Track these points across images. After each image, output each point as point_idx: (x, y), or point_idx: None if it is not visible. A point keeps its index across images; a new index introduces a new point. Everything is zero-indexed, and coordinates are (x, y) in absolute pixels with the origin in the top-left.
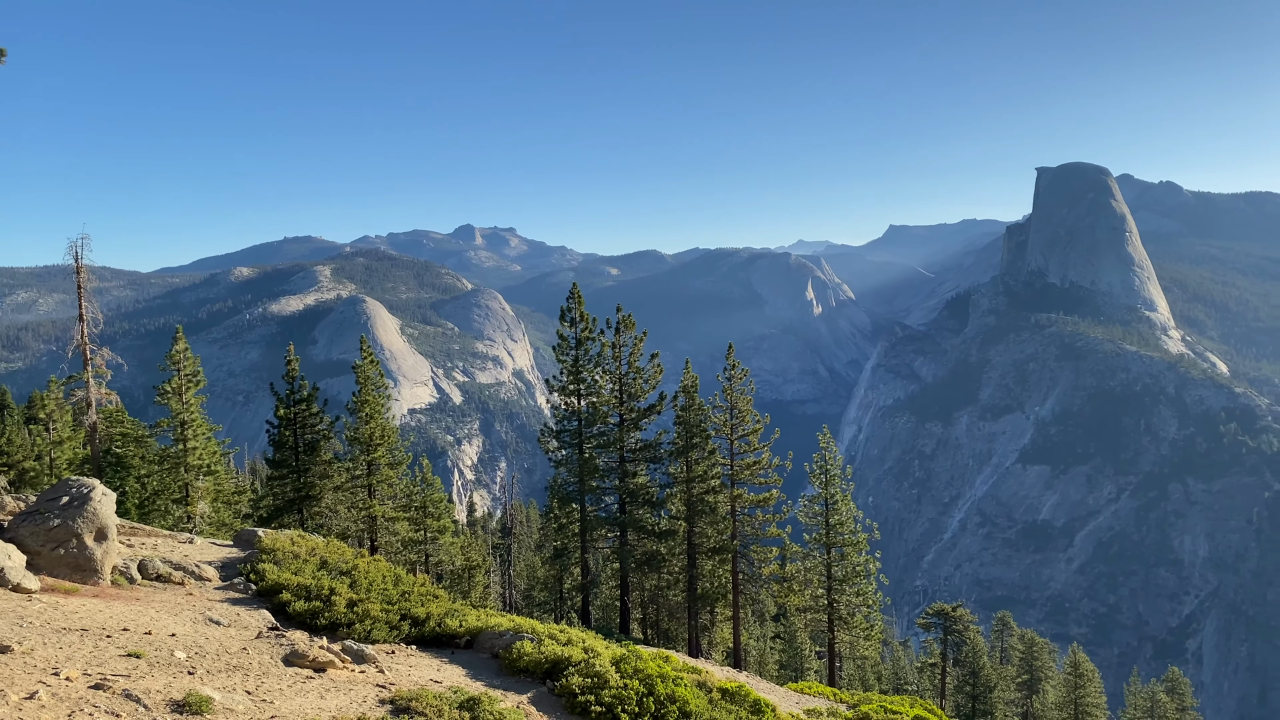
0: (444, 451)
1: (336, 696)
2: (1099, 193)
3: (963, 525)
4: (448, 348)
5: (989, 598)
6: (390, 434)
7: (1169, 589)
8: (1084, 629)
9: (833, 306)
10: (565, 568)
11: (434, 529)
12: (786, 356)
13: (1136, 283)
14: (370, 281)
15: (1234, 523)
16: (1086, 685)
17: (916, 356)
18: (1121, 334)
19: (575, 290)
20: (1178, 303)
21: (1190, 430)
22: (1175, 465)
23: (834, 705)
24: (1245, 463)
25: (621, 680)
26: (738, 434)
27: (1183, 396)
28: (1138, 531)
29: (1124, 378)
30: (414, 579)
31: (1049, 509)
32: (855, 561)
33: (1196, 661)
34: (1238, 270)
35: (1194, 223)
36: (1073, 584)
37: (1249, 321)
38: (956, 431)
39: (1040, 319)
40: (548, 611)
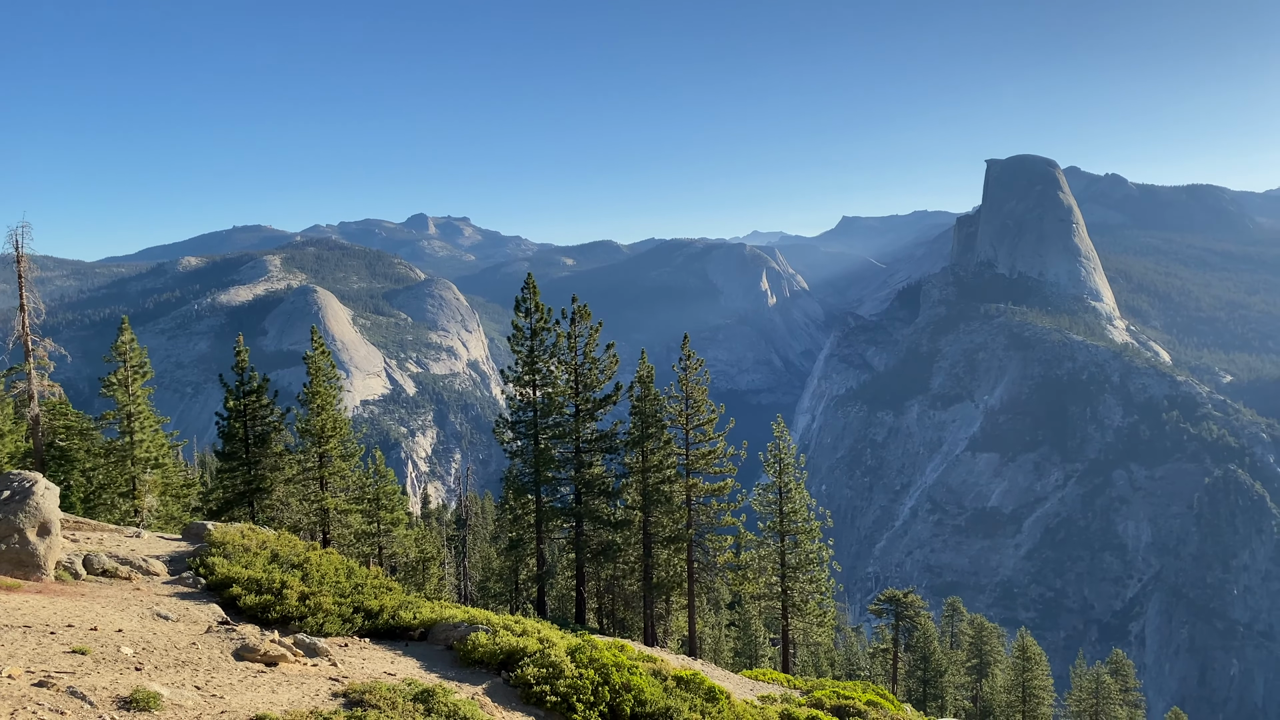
0: (397, 443)
1: (288, 690)
2: (1047, 185)
3: (914, 512)
4: (401, 338)
5: (939, 584)
6: (342, 426)
7: (1113, 573)
8: (1032, 613)
9: (787, 297)
10: (521, 559)
11: (387, 521)
12: (741, 347)
13: (1083, 273)
14: (321, 271)
15: (1175, 508)
16: (1034, 668)
17: (869, 346)
18: (1068, 324)
19: (530, 280)
20: (1123, 293)
21: (1134, 418)
22: (1120, 452)
23: (788, 691)
24: (1186, 449)
25: (577, 670)
26: (693, 424)
27: (1127, 385)
28: (1083, 517)
29: (1070, 367)
30: (367, 571)
31: (998, 496)
32: (809, 549)
33: (1139, 644)
34: (1180, 261)
35: (1139, 214)
36: (1021, 569)
37: (1191, 311)
38: (907, 420)
39: (989, 309)
40: (503, 603)
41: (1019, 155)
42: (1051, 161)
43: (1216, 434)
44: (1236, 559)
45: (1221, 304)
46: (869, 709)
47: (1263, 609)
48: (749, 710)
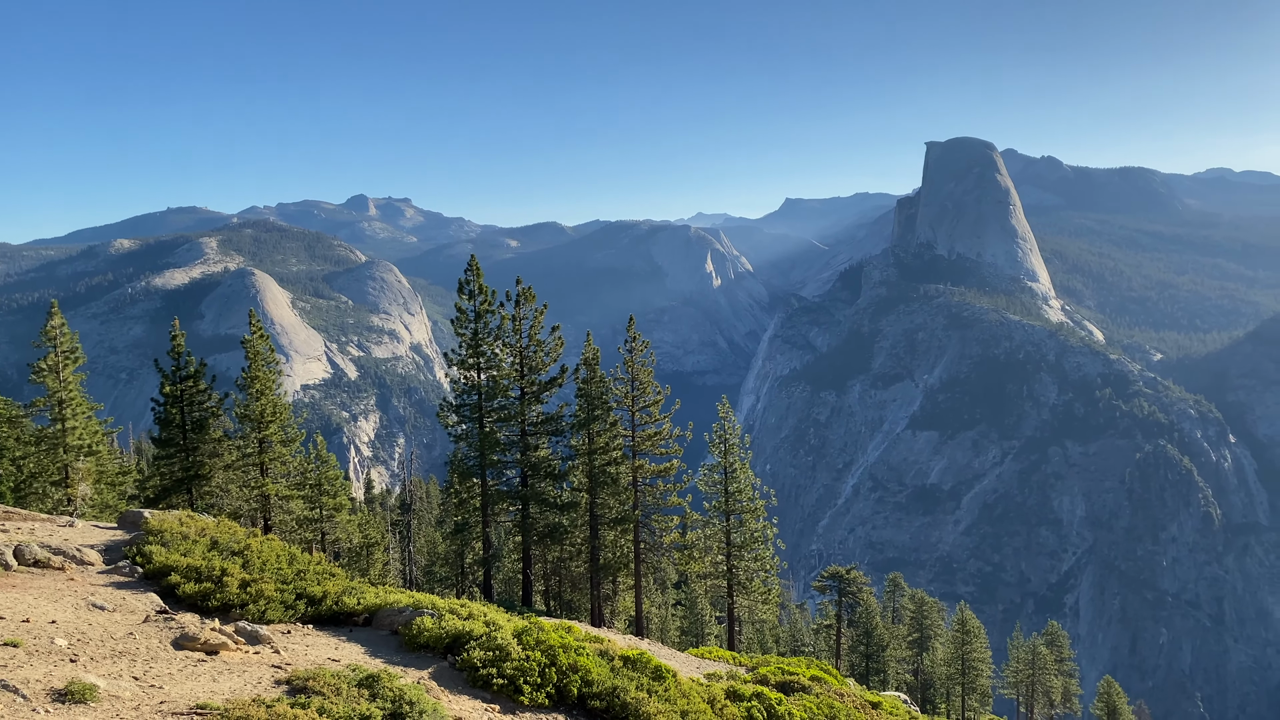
0: (339, 428)
1: (230, 679)
2: (985, 167)
3: (856, 490)
4: (342, 321)
5: (881, 560)
6: (282, 410)
7: (1049, 547)
8: (971, 587)
9: (731, 279)
10: (467, 542)
11: (330, 507)
12: (687, 328)
13: (1019, 254)
14: (259, 253)
15: (1108, 483)
16: (973, 641)
17: (812, 327)
18: (1005, 304)
19: (474, 262)
20: (1058, 273)
21: (1069, 396)
22: (1055, 429)
23: (734, 668)
24: (1119, 426)
25: (524, 652)
26: (639, 405)
27: (1062, 363)
28: (1020, 493)
29: (1008, 346)
30: (310, 558)
31: (937, 473)
32: (753, 528)
33: (1074, 615)
34: (1113, 242)
35: (1073, 196)
36: (960, 545)
37: (1123, 291)
38: (850, 400)
39: (929, 290)
40: (449, 587)
41: (958, 138)
42: (989, 144)
43: (1147, 411)
44: (1165, 532)
45: (1152, 284)
46: (813, 684)
47: (1190, 579)
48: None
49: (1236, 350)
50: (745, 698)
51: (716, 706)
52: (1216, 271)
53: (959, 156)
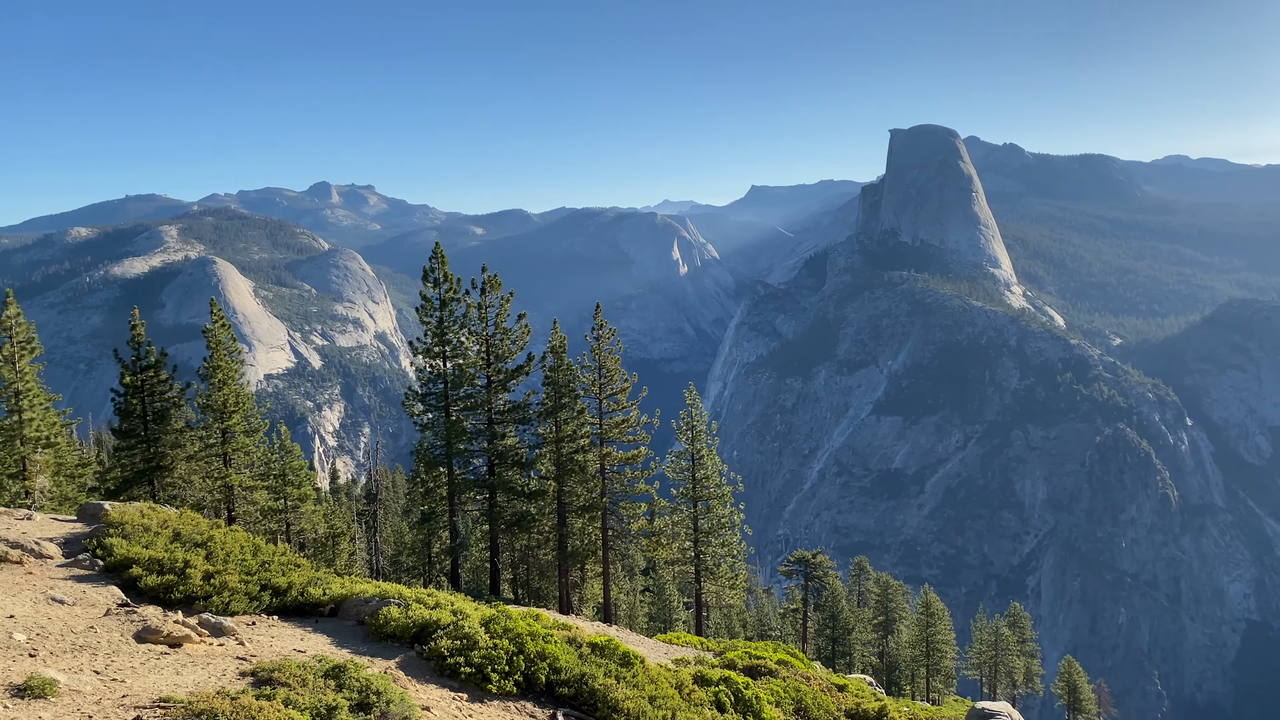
0: (304, 418)
1: (194, 671)
2: (948, 154)
3: (822, 475)
4: (305, 310)
5: (847, 544)
6: (245, 400)
7: (1011, 530)
8: (935, 570)
9: (698, 266)
10: (433, 532)
11: (295, 497)
12: (654, 316)
13: (982, 241)
14: (221, 242)
15: (1069, 466)
16: (937, 623)
17: (778, 314)
18: (968, 290)
19: (438, 250)
20: (1019, 259)
21: (1030, 380)
22: (1017, 414)
23: (701, 653)
24: (1079, 410)
25: (491, 640)
26: (606, 393)
27: (1024, 349)
28: (983, 477)
29: (970, 332)
30: (274, 548)
31: (902, 458)
32: (720, 514)
33: (1036, 596)
34: (1073, 228)
35: (1034, 183)
36: (924, 528)
37: (1083, 277)
38: (815, 386)
39: (893, 276)
40: (416, 576)
41: (921, 125)
42: (952, 131)
43: (1107, 395)
44: (1125, 513)
45: (1111, 269)
46: (780, 668)
47: (1148, 560)
48: (663, 673)
49: (1193, 335)
50: (712, 682)
51: (684, 691)
52: (1174, 257)
53: (922, 144)
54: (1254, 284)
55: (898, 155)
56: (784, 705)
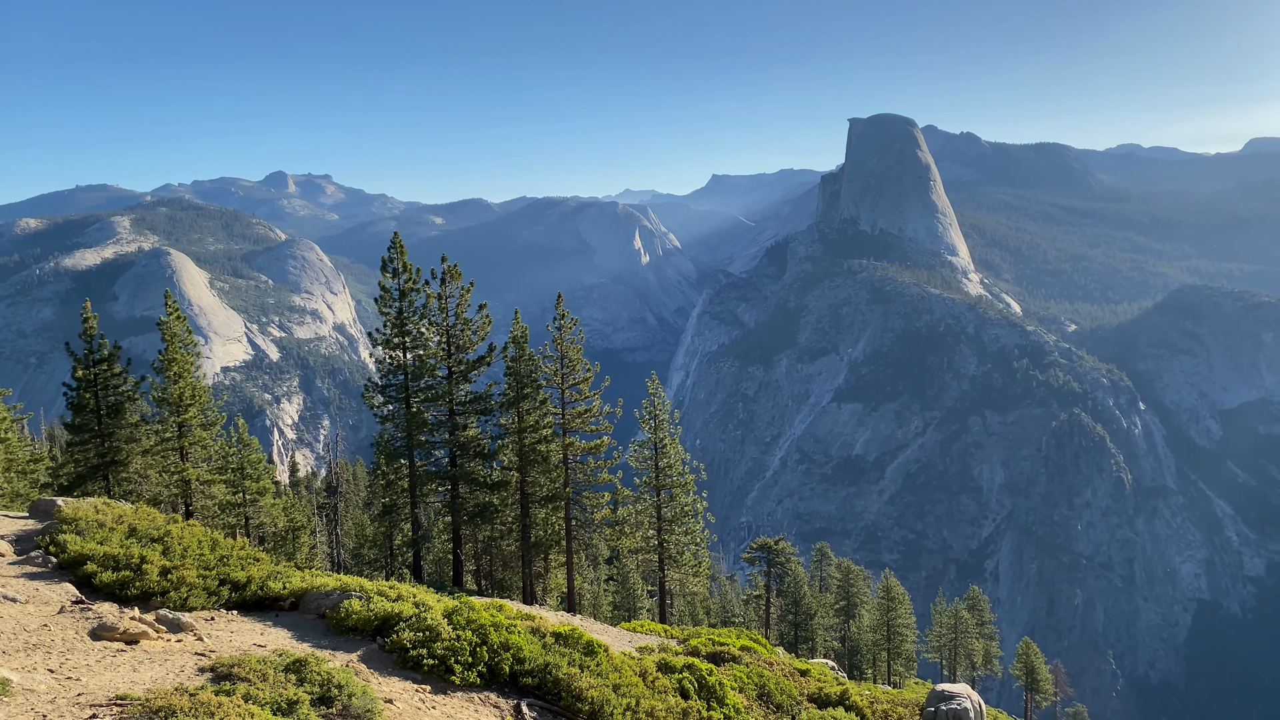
0: (262, 410)
1: (151, 668)
2: (906, 143)
3: (783, 463)
4: (262, 301)
5: (808, 530)
6: (202, 393)
7: (970, 514)
8: (895, 555)
9: (660, 255)
10: (395, 524)
11: (253, 491)
12: (616, 305)
13: (940, 229)
14: (175, 233)
15: (1026, 451)
16: (898, 607)
17: (739, 303)
18: (926, 278)
19: (397, 240)
20: (977, 247)
21: (988, 367)
22: (974, 400)
23: (665, 641)
24: (1035, 395)
25: (454, 632)
26: (569, 383)
27: (981, 335)
28: (942, 462)
29: (929, 319)
30: (233, 543)
31: (862, 444)
32: (684, 502)
33: (994, 580)
34: (1029, 216)
35: (991, 172)
36: (884, 514)
37: (1039, 264)
38: (777, 374)
39: (853, 265)
40: (378, 569)
41: (880, 114)
42: (910, 120)
43: (1062, 380)
44: (1080, 497)
45: (1066, 257)
46: (743, 654)
47: (1103, 542)
48: (627, 662)
49: (1145, 321)
50: (677, 669)
51: (648, 679)
52: (1127, 245)
53: (881, 133)
54: (1204, 270)
55: (857, 144)
56: (747, 690)
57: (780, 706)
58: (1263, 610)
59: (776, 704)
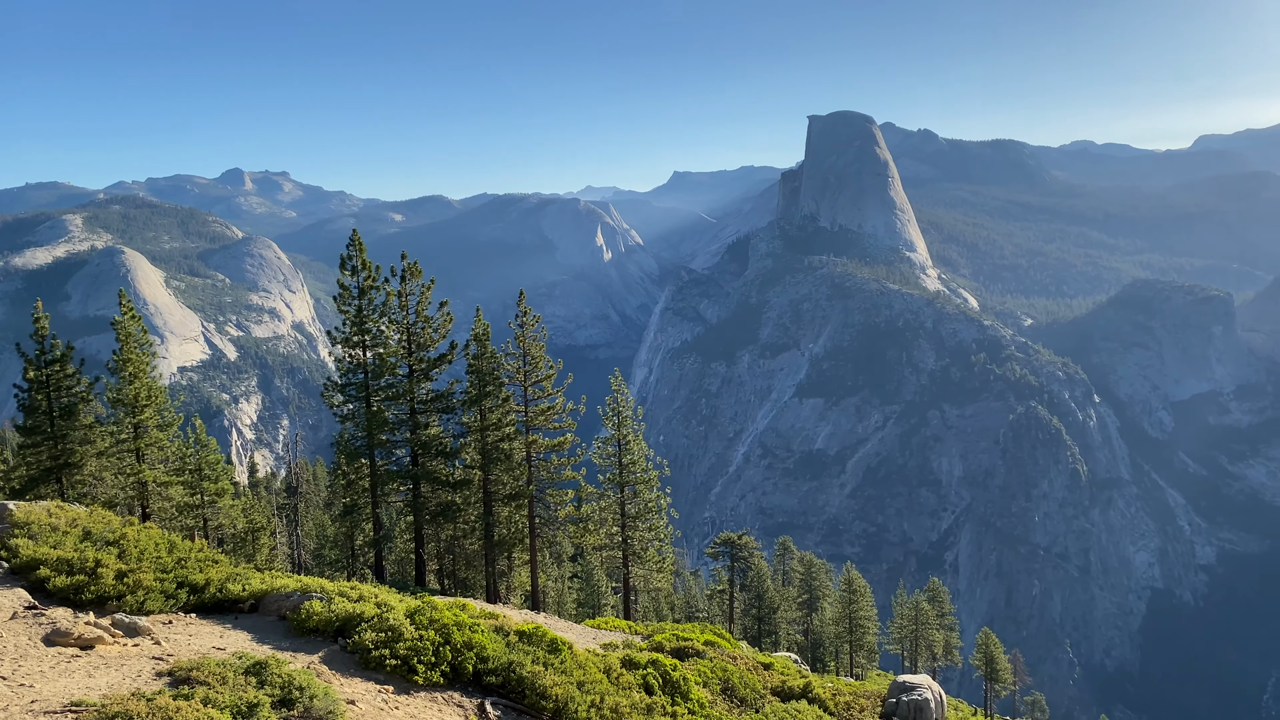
0: (220, 410)
1: (107, 673)
2: (864, 140)
3: (746, 458)
4: (219, 300)
5: (771, 524)
6: (158, 394)
7: (929, 507)
8: (857, 548)
9: (622, 252)
10: (356, 524)
11: (211, 492)
12: (579, 302)
13: (898, 225)
14: (129, 231)
15: (984, 444)
16: (859, 600)
17: (702, 299)
18: (885, 273)
19: (356, 237)
20: (934, 243)
21: (946, 361)
22: (933, 394)
23: (629, 637)
24: (993, 389)
25: (417, 632)
26: (531, 380)
27: (939, 330)
28: (901, 456)
29: (888, 314)
30: (191, 545)
31: (823, 439)
32: (647, 498)
33: (954, 571)
34: (986, 212)
35: (948, 168)
36: (846, 507)
37: (995, 259)
38: (739, 370)
39: (813, 261)
40: (340, 569)
41: (839, 111)
42: (869, 118)
43: (1019, 374)
44: (1037, 488)
45: (1022, 252)
46: (707, 649)
47: (1059, 533)
48: (592, 659)
49: (1099, 315)
50: (641, 665)
51: (613, 675)
52: (1081, 240)
53: (840, 130)
54: (1156, 265)
55: (816, 141)
56: (711, 685)
57: (744, 700)
58: (1213, 597)
59: (740, 698)
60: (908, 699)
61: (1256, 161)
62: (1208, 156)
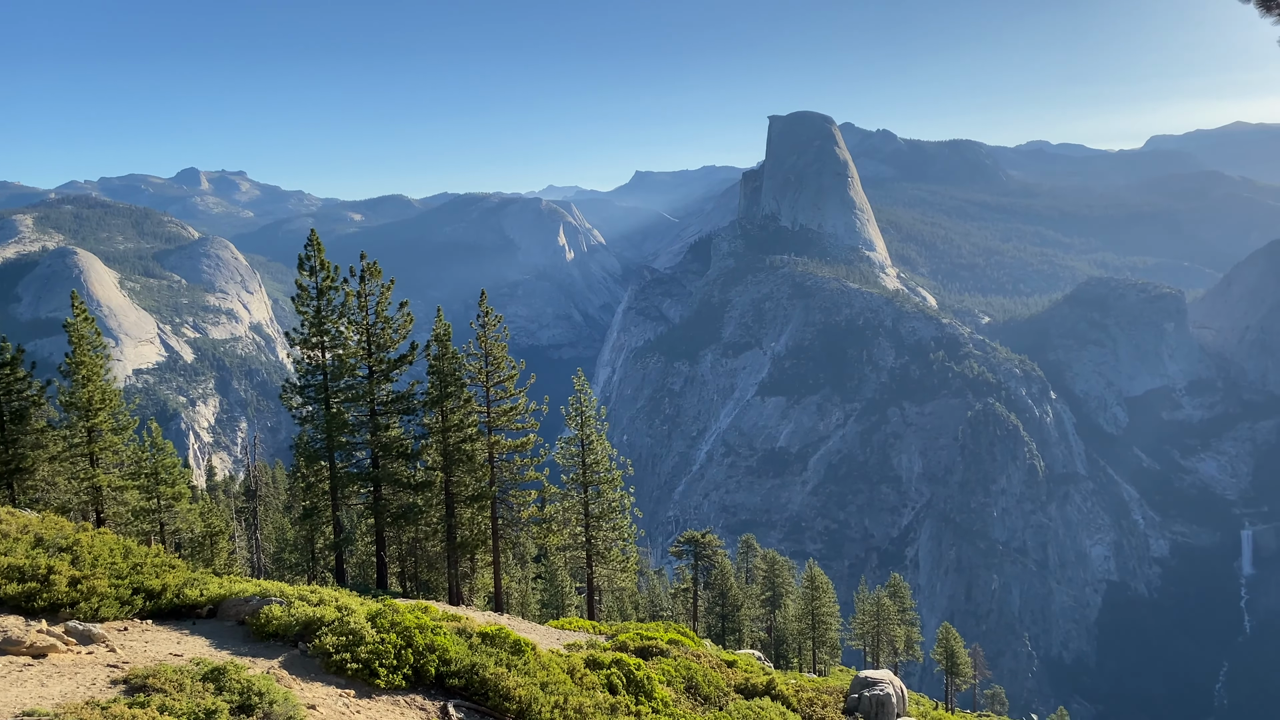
0: (176, 413)
1: (60, 682)
2: (824, 140)
3: (709, 456)
4: (175, 301)
5: (735, 522)
6: (112, 397)
7: (890, 503)
8: (819, 545)
9: (584, 251)
10: (316, 527)
11: (168, 496)
12: (541, 302)
13: (858, 225)
14: (82, 231)
15: (943, 440)
16: (822, 596)
17: (664, 299)
18: (845, 273)
19: (314, 237)
20: (893, 242)
21: (905, 359)
22: (893, 391)
23: (594, 637)
24: (951, 386)
25: (378, 635)
26: (493, 381)
27: (899, 329)
28: (862, 453)
29: (848, 313)
30: (147, 550)
31: (785, 437)
32: (611, 498)
33: (914, 567)
34: (944, 212)
35: (906, 168)
36: (808, 504)
37: (953, 258)
38: (702, 369)
39: (774, 260)
40: (300, 573)
41: (799, 112)
42: (828, 118)
43: (977, 371)
44: (995, 484)
45: (980, 251)
46: (671, 648)
47: (1018, 528)
48: (555, 659)
49: (1055, 312)
50: (604, 665)
51: (576, 676)
52: (1037, 239)
53: (800, 130)
54: (1110, 263)
55: (777, 141)
56: (675, 684)
57: (708, 698)
58: (1167, 589)
59: (704, 696)
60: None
61: (1206, 161)
62: (1159, 157)
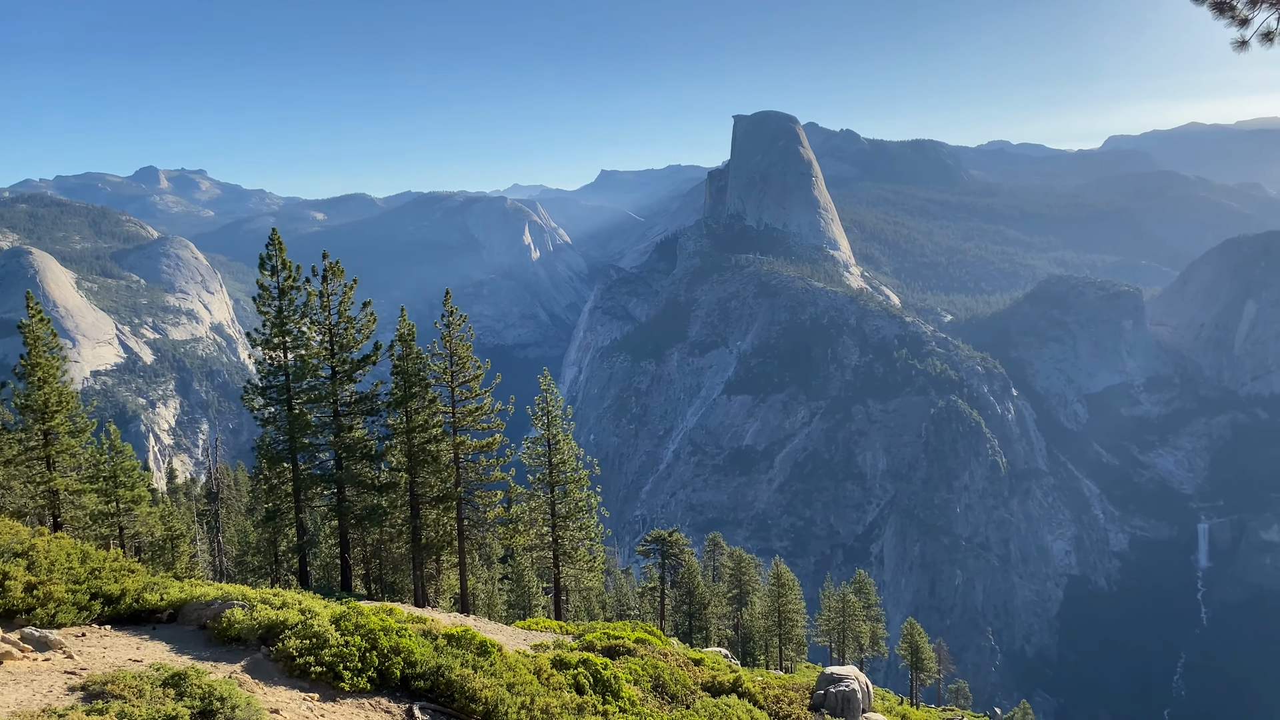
0: (136, 415)
1: (16, 690)
2: (789, 140)
3: (676, 455)
4: (134, 302)
5: (701, 521)
6: (69, 399)
7: (855, 500)
8: (785, 542)
9: (550, 251)
10: (279, 530)
11: (128, 499)
12: (507, 301)
13: (822, 224)
14: (36, 231)
15: (907, 437)
16: (788, 593)
17: (631, 298)
18: (810, 272)
19: (275, 236)
20: (857, 241)
21: (869, 357)
22: (857, 389)
23: (560, 637)
24: (915, 384)
25: (342, 638)
26: (459, 381)
27: (863, 327)
28: (828, 450)
29: (813, 312)
30: (106, 554)
31: (752, 435)
32: (578, 498)
33: (879, 563)
34: (907, 211)
35: (870, 167)
36: (774, 502)
37: (916, 257)
38: (669, 368)
39: (740, 259)
40: (263, 576)
41: (764, 111)
42: (793, 118)
43: (940, 369)
44: (959, 480)
45: (942, 250)
46: (638, 647)
47: (980, 524)
48: (522, 660)
49: (1016, 310)
50: (571, 665)
51: (543, 676)
52: (998, 237)
53: (765, 130)
54: (1069, 261)
55: (741, 141)
56: (642, 683)
57: (675, 697)
58: (1126, 583)
59: (671, 694)
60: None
61: (1163, 161)
62: (1117, 156)
